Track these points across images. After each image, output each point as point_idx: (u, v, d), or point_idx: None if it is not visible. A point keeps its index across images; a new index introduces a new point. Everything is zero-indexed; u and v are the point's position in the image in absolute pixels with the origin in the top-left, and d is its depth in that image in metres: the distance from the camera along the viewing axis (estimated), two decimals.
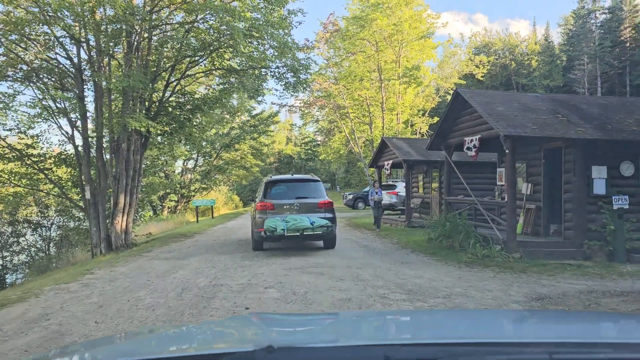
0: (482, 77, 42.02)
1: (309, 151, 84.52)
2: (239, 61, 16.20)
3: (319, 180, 12.51)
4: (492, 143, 11.97)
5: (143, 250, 13.69)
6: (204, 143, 36.17)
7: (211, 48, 16.02)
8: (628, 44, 58.33)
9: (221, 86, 17.93)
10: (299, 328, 2.12)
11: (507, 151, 10.28)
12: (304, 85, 16.64)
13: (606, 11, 59.08)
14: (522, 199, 12.50)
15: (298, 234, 10.88)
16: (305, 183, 12.40)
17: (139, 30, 14.89)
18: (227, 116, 32.48)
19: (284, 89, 16.53)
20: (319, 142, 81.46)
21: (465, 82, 40.98)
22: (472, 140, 11.81)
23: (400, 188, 27.37)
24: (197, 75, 18.08)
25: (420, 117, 37.37)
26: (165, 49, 16.23)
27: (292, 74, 15.95)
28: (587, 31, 60.15)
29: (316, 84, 31.16)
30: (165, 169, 33.19)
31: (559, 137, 9.94)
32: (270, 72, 16.36)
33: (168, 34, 15.47)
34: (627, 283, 7.75)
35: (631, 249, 9.99)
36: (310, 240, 12.01)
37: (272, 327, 2.12)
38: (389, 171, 19.19)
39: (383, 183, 30.67)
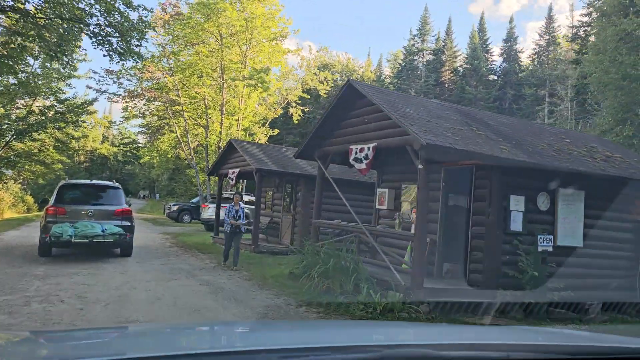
0: (325, 94, 41.07)
1: (129, 153, 76.13)
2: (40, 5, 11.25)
3: (119, 188, 12.61)
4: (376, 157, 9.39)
5: None
6: None
7: None
8: (447, 85, 63.98)
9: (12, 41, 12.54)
10: (77, 343, 1.89)
11: (420, 166, 7.67)
12: (135, 57, 12.30)
13: (431, 52, 64.08)
14: (408, 228, 10.14)
15: (87, 240, 10.68)
16: (103, 190, 12.46)
17: None
18: (21, 92, 25.44)
19: (107, 55, 11.93)
20: (140, 144, 74.04)
21: (308, 97, 39.50)
22: (362, 150, 9.05)
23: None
24: None
25: (260, 127, 34.46)
26: None
27: (119, 36, 11.56)
28: (414, 67, 64.57)
29: (147, 72, 26.17)
30: None
31: (487, 155, 7.64)
32: (89, 30, 11.72)
33: None
34: None
35: (551, 302, 8.09)
36: (104, 248, 11.64)
37: (49, 344, 1.91)
38: (233, 181, 15.67)
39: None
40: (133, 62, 12.78)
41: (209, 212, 23.48)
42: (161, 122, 30.26)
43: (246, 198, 24.81)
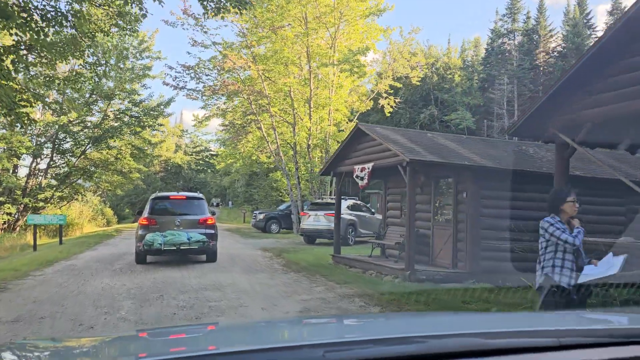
0: (417, 81, 36.46)
1: (201, 161, 74.97)
2: None
3: (202, 198, 13.51)
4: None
5: None
6: (61, 135, 26.03)
7: None
8: (542, 68, 57.40)
9: None
10: (182, 338, 1.95)
11: None
12: (238, 4, 8.42)
13: (524, 32, 57.64)
14: None
15: (175, 248, 11.55)
16: (188, 200, 13.31)
17: None
18: (95, 93, 22.78)
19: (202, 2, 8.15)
20: (213, 151, 72.95)
21: (400, 85, 35.01)
22: None
23: (342, 208, 19.84)
24: None
25: (348, 123, 30.17)
26: None
27: None
28: (503, 51, 58.39)
29: (228, 62, 22.73)
30: None
31: None
32: None
33: None
34: None
35: None
36: (191, 255, 12.53)
37: (156, 339, 2.00)
38: (366, 181, 11.50)
39: (316, 201, 22.95)
40: (233, 13, 8.94)
41: (309, 221, 19.58)
42: (245, 119, 26.74)
43: (350, 202, 20.74)
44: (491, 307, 7.52)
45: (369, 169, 11.34)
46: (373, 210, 21.68)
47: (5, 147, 21.52)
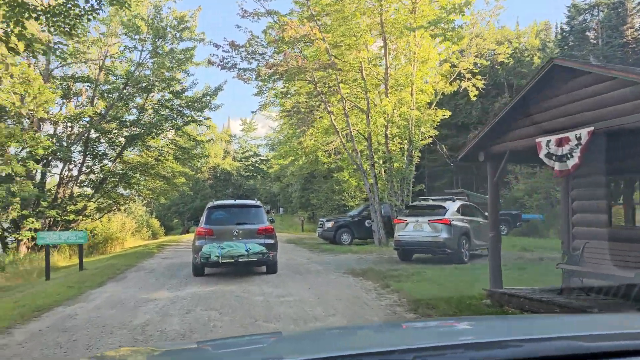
0: (506, 59, 30.60)
1: (251, 167, 71.30)
2: None
3: (260, 206, 12.86)
4: None
5: None
6: (93, 135, 22.02)
7: None
8: (631, 46, 49.96)
9: None
10: (243, 349, 1.91)
11: None
12: None
13: (611, 5, 50.41)
14: None
15: (232, 260, 10.97)
16: (246, 209, 12.82)
17: None
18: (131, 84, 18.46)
19: None
20: (263, 157, 69.34)
21: (487, 63, 29.39)
22: None
23: (452, 212, 14.53)
24: None
25: (427, 110, 24.50)
26: None
27: None
28: (583, 29, 51.36)
29: (290, 29, 17.89)
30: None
31: None
32: None
33: None
34: None
35: None
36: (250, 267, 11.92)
37: (219, 350, 1.93)
38: (575, 161, 6.23)
39: (414, 203, 17.73)
40: None
41: (408, 230, 14.40)
42: (312, 101, 21.73)
43: (458, 203, 15.29)
44: None
45: (580, 138, 6.07)
46: (486, 213, 16.23)
47: (19, 148, 17.52)
